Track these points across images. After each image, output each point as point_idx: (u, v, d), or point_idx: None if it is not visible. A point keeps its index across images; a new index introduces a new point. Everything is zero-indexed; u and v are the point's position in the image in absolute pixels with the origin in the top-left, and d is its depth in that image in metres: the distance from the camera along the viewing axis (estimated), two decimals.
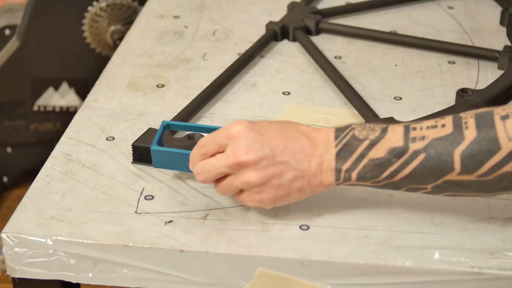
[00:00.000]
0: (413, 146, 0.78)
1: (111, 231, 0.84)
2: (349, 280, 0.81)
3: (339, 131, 0.81)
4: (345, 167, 0.80)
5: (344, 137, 0.80)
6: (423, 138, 0.78)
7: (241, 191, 0.83)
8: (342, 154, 0.80)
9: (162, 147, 0.91)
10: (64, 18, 1.84)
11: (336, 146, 0.80)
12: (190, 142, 0.94)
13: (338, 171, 0.80)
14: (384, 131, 0.80)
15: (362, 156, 0.79)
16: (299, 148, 0.81)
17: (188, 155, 0.89)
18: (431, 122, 0.79)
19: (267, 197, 0.81)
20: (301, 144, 0.81)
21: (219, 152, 0.82)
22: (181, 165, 0.91)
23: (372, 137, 0.79)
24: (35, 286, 0.87)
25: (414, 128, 0.79)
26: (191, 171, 0.89)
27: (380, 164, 0.79)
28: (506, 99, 1.06)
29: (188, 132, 1.00)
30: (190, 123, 0.95)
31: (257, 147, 0.80)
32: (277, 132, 0.81)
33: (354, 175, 0.80)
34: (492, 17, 1.32)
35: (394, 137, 0.79)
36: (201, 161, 0.83)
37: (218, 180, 0.84)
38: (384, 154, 0.78)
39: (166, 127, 0.94)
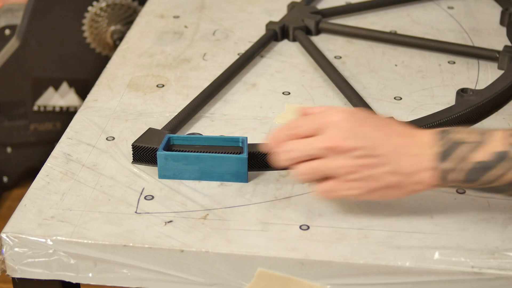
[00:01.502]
0: None
1: (111, 231, 0.84)
2: (349, 280, 0.81)
3: (438, 134, 0.79)
4: (445, 167, 0.78)
5: (443, 139, 0.78)
6: None
7: (325, 179, 0.81)
8: (442, 155, 0.78)
9: (169, 152, 0.91)
10: (64, 18, 1.84)
11: (436, 147, 0.78)
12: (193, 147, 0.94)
13: (438, 171, 0.78)
14: (483, 135, 0.78)
15: (463, 158, 0.77)
16: (400, 144, 0.78)
17: (195, 157, 0.89)
18: None
19: (356, 187, 0.79)
20: (404, 141, 0.79)
21: (308, 137, 0.81)
22: (188, 171, 0.91)
23: (471, 139, 0.78)
24: (35, 286, 0.87)
25: (511, 135, 0.77)
26: (198, 179, 0.90)
27: (485, 167, 0.77)
28: (506, 99, 1.07)
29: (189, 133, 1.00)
30: (193, 135, 0.95)
31: (358, 136, 0.78)
32: (377, 124, 0.79)
33: (455, 176, 0.78)
34: (492, 17, 1.32)
35: (495, 141, 0.77)
36: (294, 140, 0.81)
37: (302, 163, 0.81)
38: (488, 158, 0.77)
39: (169, 140, 0.93)
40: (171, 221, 0.86)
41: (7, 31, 1.83)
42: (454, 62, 1.18)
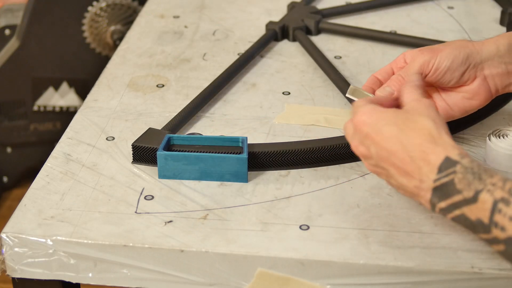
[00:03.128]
0: (495, 231, 0.75)
1: (111, 231, 0.84)
2: (349, 280, 0.81)
3: (444, 166, 0.76)
4: (440, 205, 0.77)
5: (445, 177, 0.76)
6: (503, 229, 0.74)
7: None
8: (438, 192, 0.77)
9: (169, 152, 0.91)
10: (64, 18, 1.84)
11: (435, 181, 0.77)
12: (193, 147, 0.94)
13: (433, 204, 0.78)
14: (476, 195, 0.75)
15: (455, 206, 0.76)
16: (400, 163, 0.79)
17: (195, 157, 0.90)
18: None
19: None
20: (404, 159, 0.78)
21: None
22: (188, 171, 0.91)
23: (465, 195, 0.75)
24: (35, 286, 0.87)
25: (500, 211, 0.74)
26: (198, 179, 0.90)
27: (470, 225, 0.76)
28: (505, 99, 1.06)
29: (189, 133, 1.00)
30: (193, 135, 0.95)
31: (366, 144, 0.82)
32: (389, 136, 0.80)
33: (447, 216, 0.78)
34: (492, 17, 1.32)
35: (482, 210, 0.75)
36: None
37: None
38: (474, 219, 0.76)
39: (169, 140, 0.94)
40: (171, 221, 0.86)
41: (7, 31, 1.83)
42: None
